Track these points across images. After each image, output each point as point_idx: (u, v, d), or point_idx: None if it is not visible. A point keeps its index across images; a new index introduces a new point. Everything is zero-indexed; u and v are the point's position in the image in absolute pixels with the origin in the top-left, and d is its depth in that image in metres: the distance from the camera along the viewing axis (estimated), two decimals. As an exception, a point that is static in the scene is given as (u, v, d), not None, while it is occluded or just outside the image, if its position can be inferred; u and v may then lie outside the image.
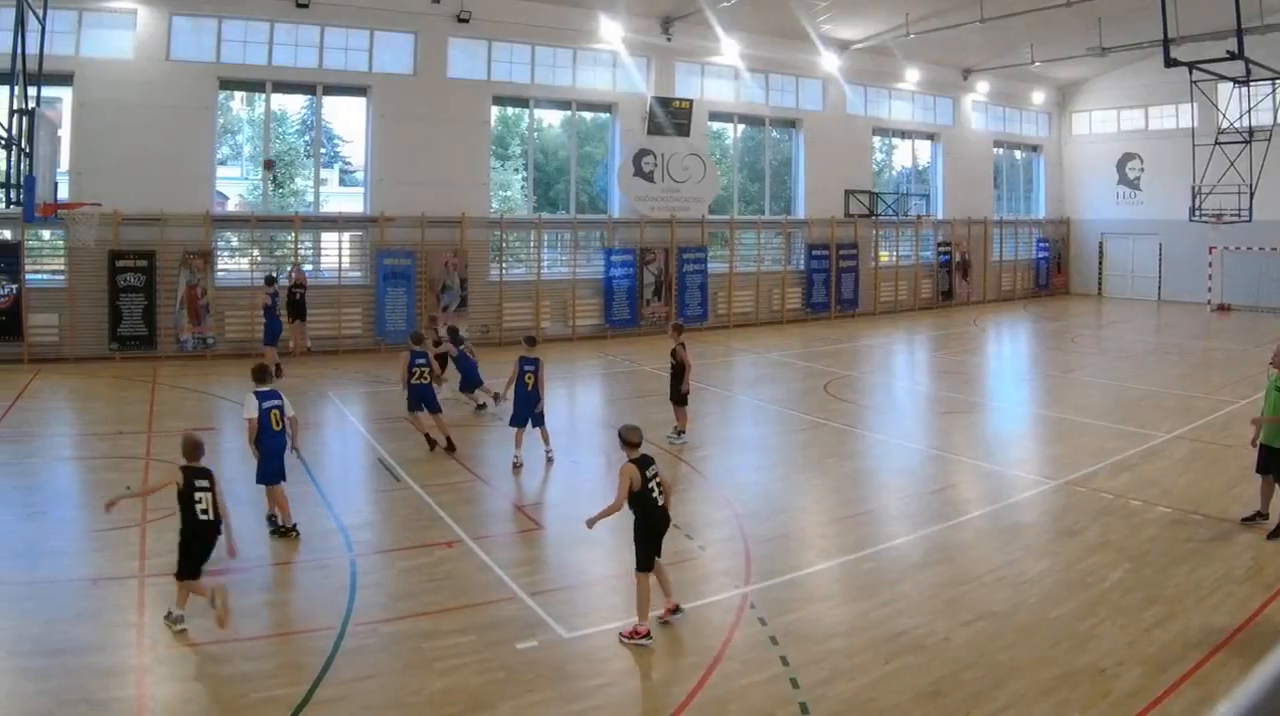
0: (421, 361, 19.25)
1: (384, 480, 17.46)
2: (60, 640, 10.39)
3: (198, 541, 11.01)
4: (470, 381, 23.37)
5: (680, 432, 20.37)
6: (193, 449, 11.43)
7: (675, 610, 11.28)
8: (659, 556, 11.13)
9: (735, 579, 12.62)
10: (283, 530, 14.11)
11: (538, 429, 18.71)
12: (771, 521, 15.04)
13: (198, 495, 11.01)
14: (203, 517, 11.02)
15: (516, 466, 18.13)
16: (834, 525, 15.07)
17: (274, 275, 29.27)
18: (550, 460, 18.61)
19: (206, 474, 11.29)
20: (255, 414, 14.01)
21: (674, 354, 20.44)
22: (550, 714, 9.30)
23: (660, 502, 11.10)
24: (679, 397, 20.41)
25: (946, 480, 17.70)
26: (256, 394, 14.19)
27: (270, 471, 14.18)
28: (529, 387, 18.38)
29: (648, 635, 10.73)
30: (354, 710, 9.28)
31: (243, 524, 12.68)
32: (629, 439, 11.24)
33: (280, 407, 14.23)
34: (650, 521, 11.02)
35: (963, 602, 11.73)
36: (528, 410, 18.42)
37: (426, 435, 19.21)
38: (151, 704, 9.32)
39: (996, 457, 19.44)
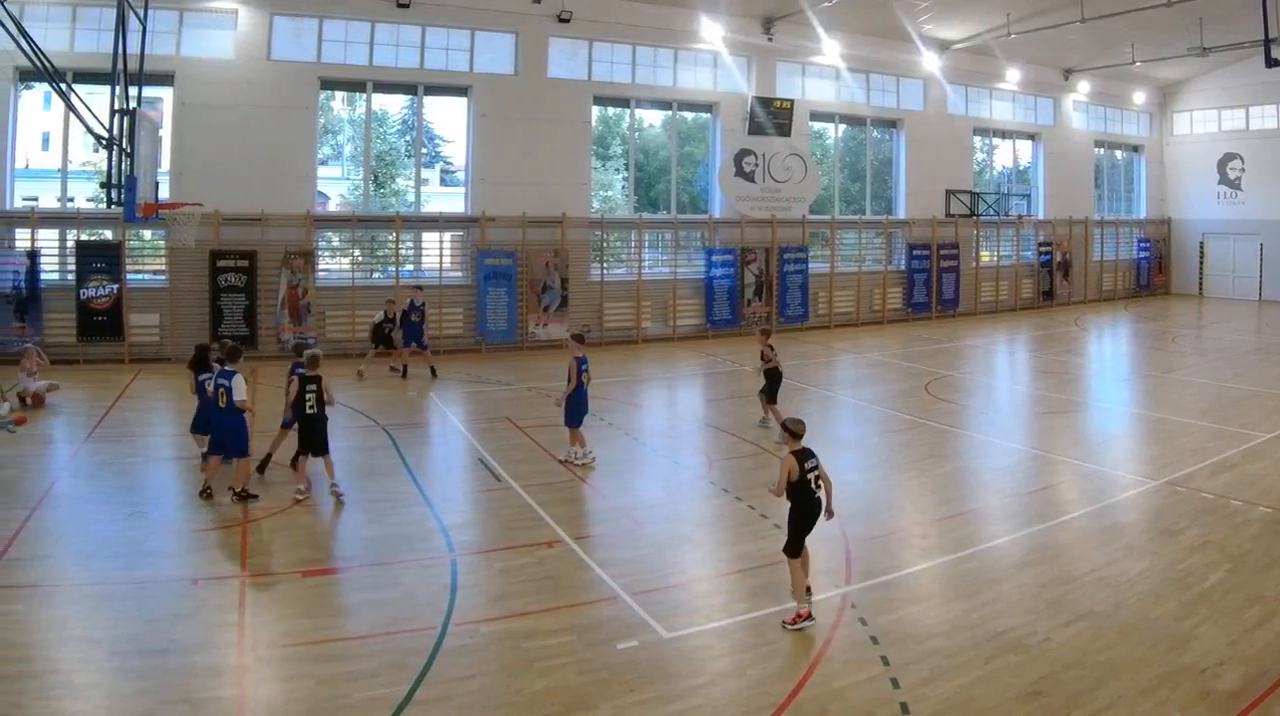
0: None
1: (485, 480, 16.68)
2: (161, 640, 10.06)
3: (308, 429, 14.97)
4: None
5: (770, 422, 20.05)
6: (313, 362, 15.25)
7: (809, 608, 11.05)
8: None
9: (835, 579, 12.04)
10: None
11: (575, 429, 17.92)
12: (871, 521, 14.36)
13: (307, 396, 14.91)
14: (309, 411, 14.94)
15: (583, 465, 17.40)
16: (934, 525, 14.43)
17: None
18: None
19: (316, 379, 15.03)
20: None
21: (764, 357, 20.15)
22: (651, 714, 8.92)
23: (818, 494, 10.90)
24: (773, 397, 20.21)
25: (1047, 480, 16.84)
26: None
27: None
28: (586, 386, 17.72)
29: (809, 616, 10.67)
30: (454, 710, 8.91)
31: (340, 521, 14.35)
32: (794, 431, 11.10)
33: (228, 388, 14.88)
34: (805, 511, 10.87)
35: (1063, 603, 11.24)
36: (586, 408, 17.85)
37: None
38: (252, 703, 8.99)
39: (1097, 458, 18.43)
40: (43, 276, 26.91)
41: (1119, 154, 51.81)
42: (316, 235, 30.32)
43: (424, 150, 34.28)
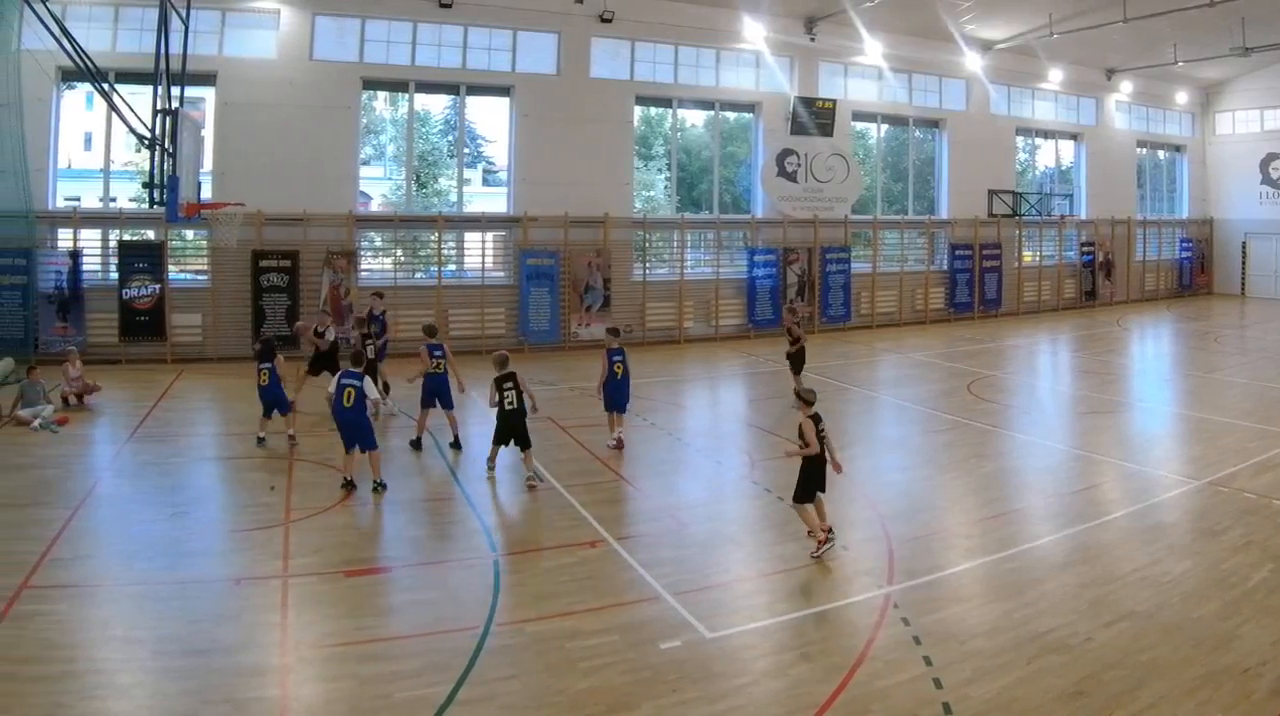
0: (439, 353, 18.33)
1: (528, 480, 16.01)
2: (204, 640, 9.93)
3: (503, 425, 15.56)
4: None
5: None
6: (502, 362, 15.79)
7: (829, 534, 12.49)
8: (823, 492, 12.51)
9: (878, 579, 11.88)
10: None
11: (615, 414, 18.39)
12: (914, 521, 14.14)
13: (506, 394, 15.36)
14: (508, 407, 15.47)
15: (617, 446, 18.06)
16: (977, 525, 14.19)
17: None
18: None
19: (511, 377, 15.57)
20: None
21: (792, 332, 22.26)
22: (693, 714, 8.79)
23: (826, 454, 12.39)
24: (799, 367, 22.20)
25: (1089, 480, 16.45)
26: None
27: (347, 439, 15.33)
28: (618, 377, 18.10)
29: (829, 531, 12.44)
30: (497, 710, 8.78)
31: (382, 522, 14.29)
32: (807, 398, 12.51)
33: (358, 388, 15.03)
34: (820, 467, 12.26)
35: (1106, 603, 11.05)
36: (620, 397, 18.24)
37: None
38: (295, 704, 8.85)
39: (1139, 458, 18.08)
40: (85, 276, 26.36)
41: (1161, 154, 50.29)
42: (359, 235, 29.64)
43: (466, 150, 33.37)
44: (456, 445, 17.94)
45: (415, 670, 9.41)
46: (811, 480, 12.22)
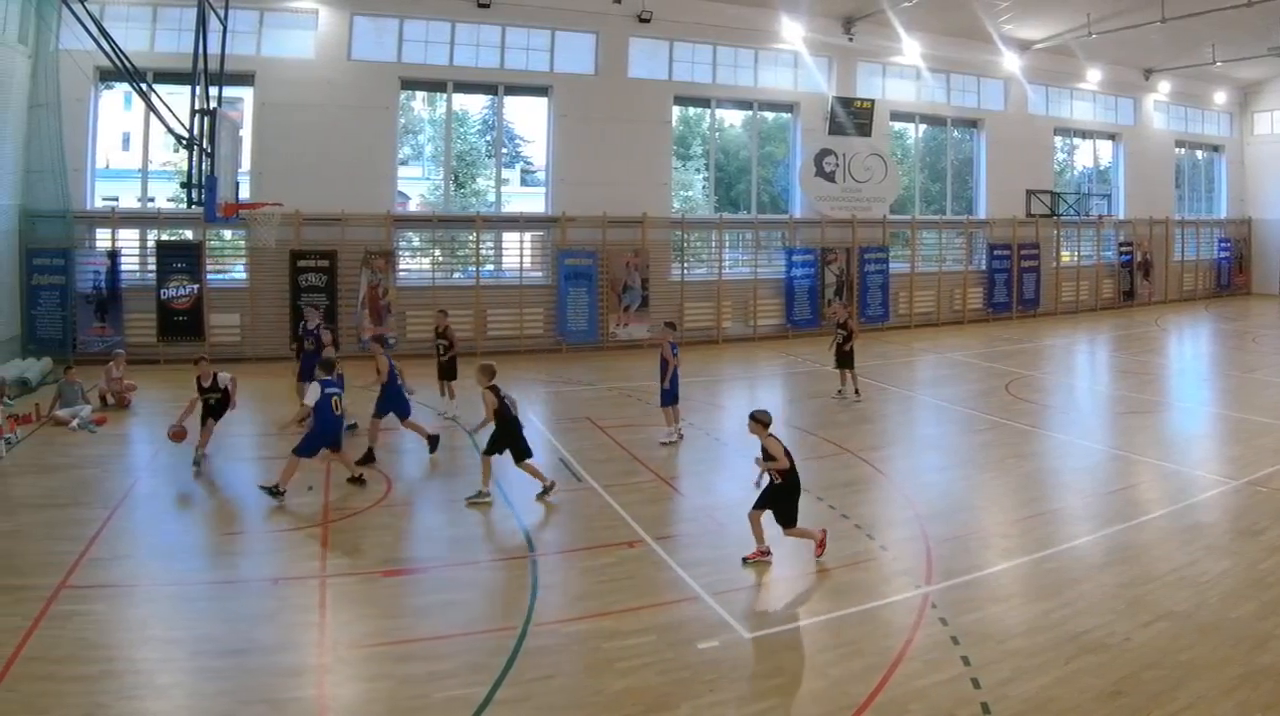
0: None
1: (566, 480, 15.73)
2: (241, 640, 9.68)
3: (507, 431, 14.26)
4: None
5: (856, 392, 21.78)
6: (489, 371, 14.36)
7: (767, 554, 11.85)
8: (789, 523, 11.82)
9: (916, 579, 11.51)
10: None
11: (674, 408, 18.31)
12: (952, 521, 13.72)
13: (507, 399, 14.22)
14: (512, 414, 14.30)
15: (672, 442, 17.98)
16: (1015, 525, 13.71)
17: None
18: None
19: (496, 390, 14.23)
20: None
21: (845, 325, 22.18)
22: (731, 714, 8.50)
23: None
24: (846, 361, 22.05)
25: (1127, 480, 15.99)
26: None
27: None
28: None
29: (768, 552, 11.83)
30: (535, 710, 8.53)
31: (421, 522, 14.06)
32: (762, 420, 11.79)
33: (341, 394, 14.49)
34: (794, 482, 11.75)
35: (1144, 602, 10.71)
36: (678, 389, 18.11)
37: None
38: (333, 703, 8.62)
39: (1177, 458, 17.54)
40: (123, 276, 25.83)
41: (1199, 154, 48.85)
42: (397, 235, 28.93)
43: (504, 150, 32.65)
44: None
45: (453, 670, 9.13)
46: (797, 499, 11.82)
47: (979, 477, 16.52)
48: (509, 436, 14.38)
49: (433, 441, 17.06)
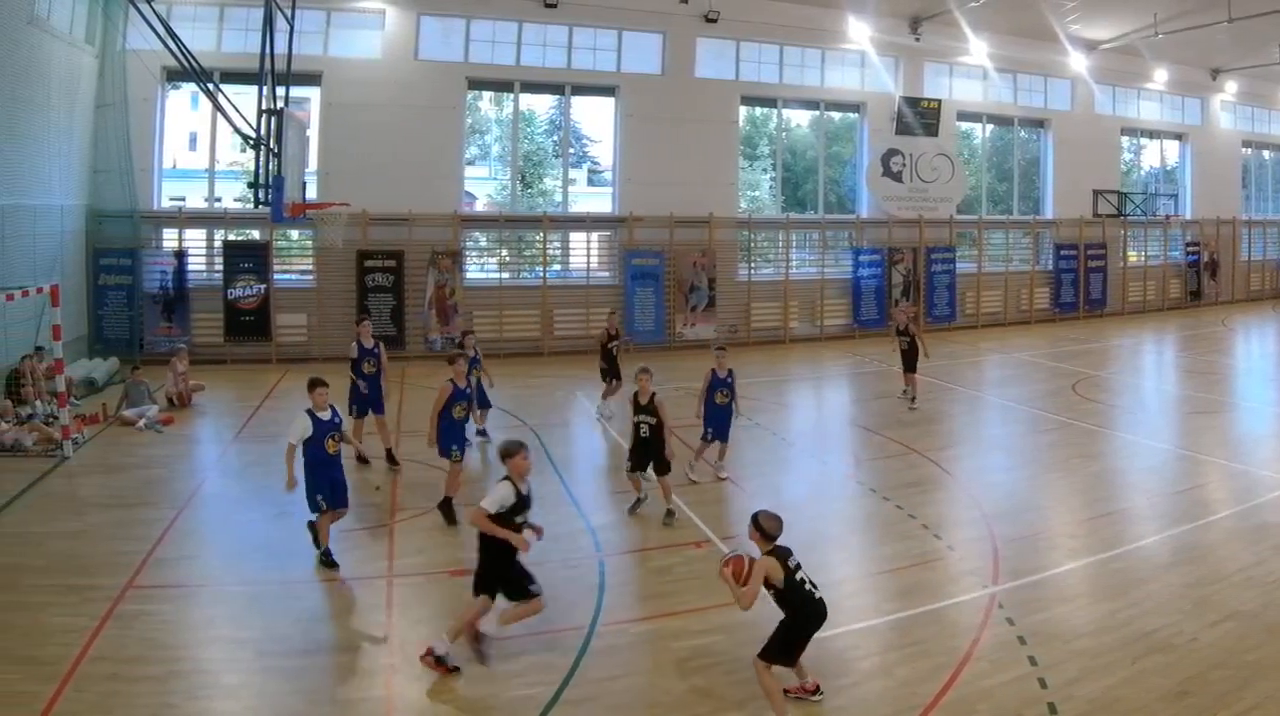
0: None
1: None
2: (309, 640, 9.42)
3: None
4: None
5: (913, 399, 20.32)
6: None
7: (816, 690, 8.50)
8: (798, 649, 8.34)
9: (983, 579, 11.12)
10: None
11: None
12: (1019, 521, 13.23)
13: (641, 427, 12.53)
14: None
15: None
16: (1081, 525, 13.20)
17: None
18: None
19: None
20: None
21: (909, 332, 20.55)
22: (799, 713, 8.15)
23: (816, 594, 8.26)
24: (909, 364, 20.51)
25: (1194, 480, 15.43)
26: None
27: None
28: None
29: (816, 687, 8.45)
30: (602, 710, 8.23)
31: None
32: (767, 530, 8.31)
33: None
34: (806, 616, 8.19)
35: (1210, 602, 10.27)
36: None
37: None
38: (400, 703, 8.30)
39: (1244, 457, 16.75)
40: (190, 276, 24.88)
41: (1266, 154, 46.28)
42: (463, 235, 27.62)
43: (571, 150, 31.21)
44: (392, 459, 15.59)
45: (521, 670, 8.90)
46: (802, 637, 8.22)
47: (1045, 477, 15.94)
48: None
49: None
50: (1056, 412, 20.33)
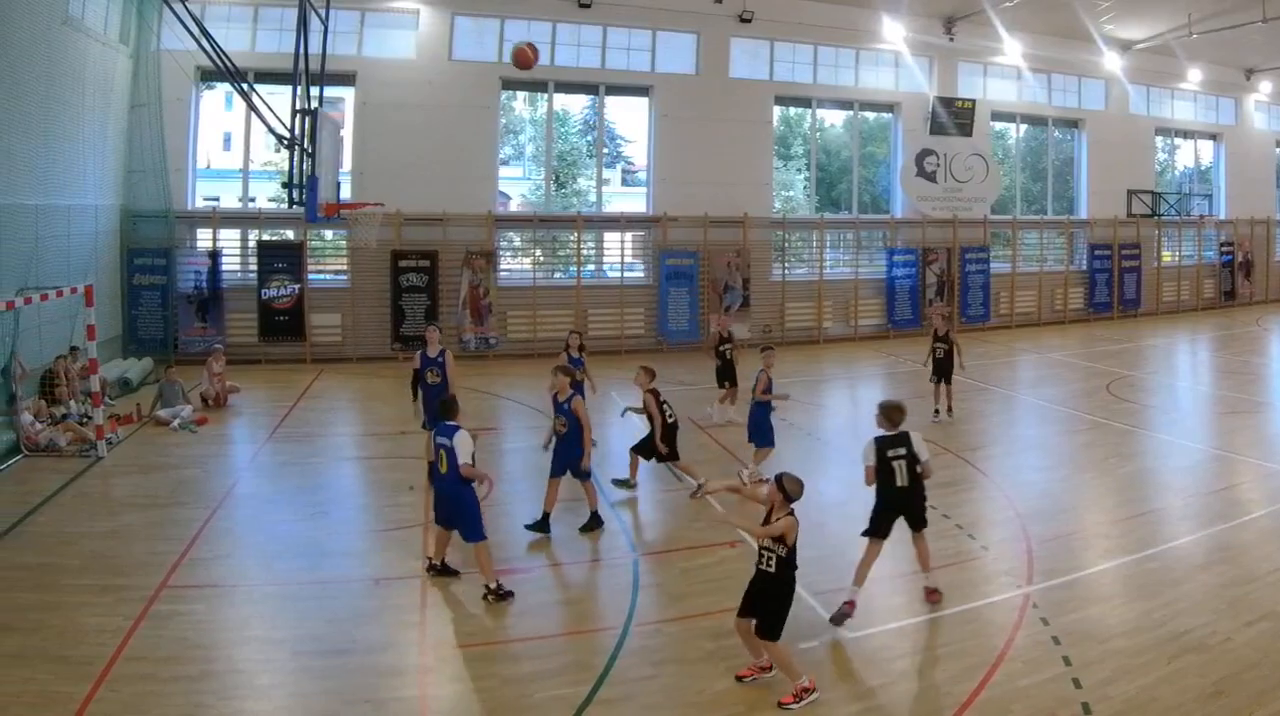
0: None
1: (666, 480, 14.84)
2: (343, 640, 9.20)
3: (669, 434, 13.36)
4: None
5: (949, 410, 19.08)
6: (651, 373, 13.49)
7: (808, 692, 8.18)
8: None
9: (1018, 579, 10.89)
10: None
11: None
12: (1053, 521, 12.98)
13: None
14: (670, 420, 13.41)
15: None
16: (1116, 525, 12.94)
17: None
18: None
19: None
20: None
21: (948, 338, 19.15)
22: (832, 714, 7.94)
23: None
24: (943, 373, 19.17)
25: (1229, 480, 15.03)
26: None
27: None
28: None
29: (813, 689, 8.14)
30: (637, 709, 8.03)
31: (521, 522, 12.51)
32: (790, 492, 8.33)
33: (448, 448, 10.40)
34: (792, 587, 8.41)
35: (1245, 602, 9.97)
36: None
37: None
38: (434, 703, 8.14)
39: (1279, 457, 16.23)
40: (224, 276, 24.35)
41: (1300, 154, 45.09)
42: (498, 235, 26.95)
43: (605, 150, 30.51)
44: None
45: (555, 669, 8.78)
46: (787, 599, 8.28)
47: (1080, 478, 15.59)
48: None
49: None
50: (1091, 413, 19.97)
